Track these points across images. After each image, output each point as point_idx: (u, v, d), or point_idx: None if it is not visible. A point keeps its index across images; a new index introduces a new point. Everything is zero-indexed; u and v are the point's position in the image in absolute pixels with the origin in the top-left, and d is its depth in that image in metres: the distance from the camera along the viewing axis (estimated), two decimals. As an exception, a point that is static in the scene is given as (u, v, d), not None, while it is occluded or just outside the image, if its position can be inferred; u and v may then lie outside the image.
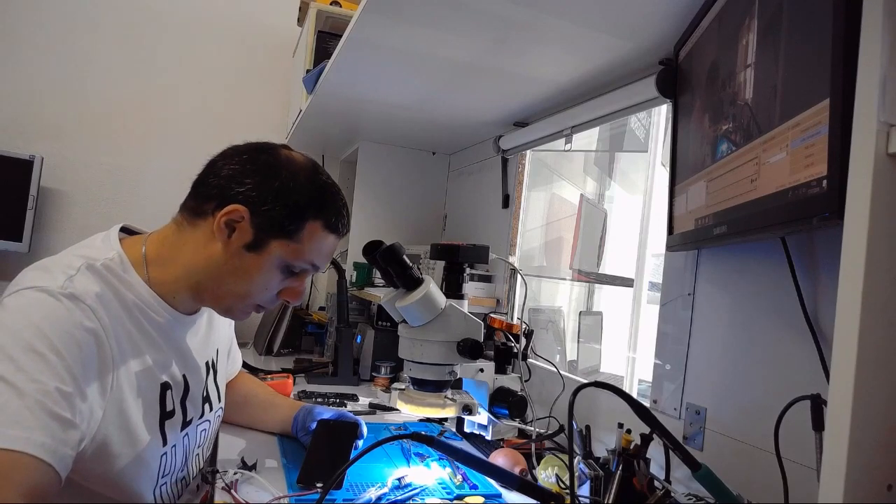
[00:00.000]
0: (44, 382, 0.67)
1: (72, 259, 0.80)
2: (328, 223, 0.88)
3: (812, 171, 0.60)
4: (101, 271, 0.80)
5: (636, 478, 0.86)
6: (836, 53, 0.57)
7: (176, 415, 0.90)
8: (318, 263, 0.91)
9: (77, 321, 0.73)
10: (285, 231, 0.85)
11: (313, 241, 0.88)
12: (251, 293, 0.89)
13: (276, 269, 0.87)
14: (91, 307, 0.75)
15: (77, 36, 2.31)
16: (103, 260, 0.81)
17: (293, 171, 0.87)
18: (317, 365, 1.88)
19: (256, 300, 0.90)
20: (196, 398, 0.96)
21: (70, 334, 0.71)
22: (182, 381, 0.92)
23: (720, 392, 0.99)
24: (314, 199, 0.87)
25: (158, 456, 0.86)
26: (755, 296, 0.94)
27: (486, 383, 1.32)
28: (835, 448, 0.49)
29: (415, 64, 1.32)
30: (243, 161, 0.86)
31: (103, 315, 0.76)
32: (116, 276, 0.82)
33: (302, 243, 0.87)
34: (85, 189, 2.32)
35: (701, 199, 0.91)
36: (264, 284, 0.88)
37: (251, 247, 0.85)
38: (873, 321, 0.48)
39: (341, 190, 0.93)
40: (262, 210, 0.84)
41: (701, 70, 0.95)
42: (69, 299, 0.73)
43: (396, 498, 0.96)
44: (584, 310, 2.16)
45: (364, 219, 2.22)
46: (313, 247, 0.88)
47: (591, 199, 2.26)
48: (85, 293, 0.75)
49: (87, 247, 0.85)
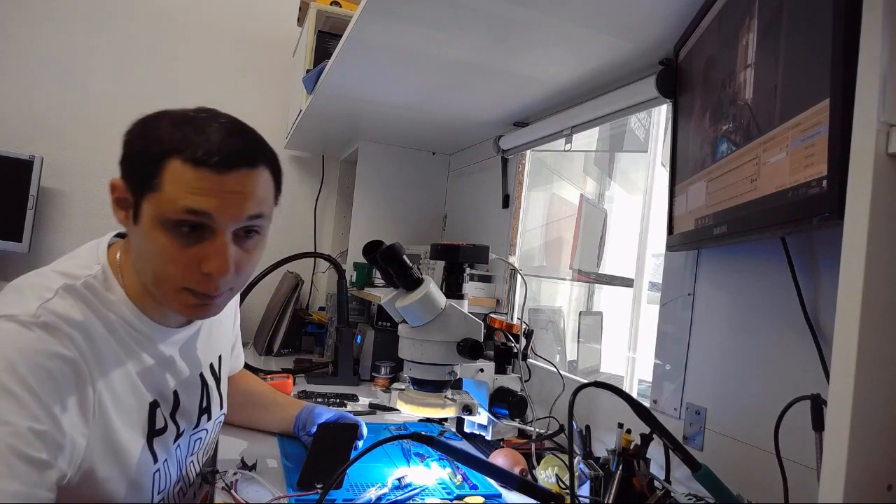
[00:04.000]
0: (14, 423, 0.63)
1: (50, 279, 0.75)
2: (189, 156, 0.73)
3: (812, 171, 0.60)
4: (80, 292, 0.75)
5: (636, 478, 0.86)
6: (836, 53, 0.56)
7: (168, 430, 0.87)
8: (194, 205, 0.73)
9: (51, 351, 0.68)
10: (148, 185, 0.74)
11: (176, 181, 0.73)
12: (164, 273, 0.77)
13: (158, 229, 0.75)
14: (68, 334, 0.70)
15: (77, 36, 2.31)
16: (84, 278, 0.77)
17: (155, 119, 0.77)
18: (317, 365, 1.88)
19: (179, 282, 0.77)
20: (188, 411, 0.92)
21: (43, 366, 0.67)
22: (172, 396, 0.88)
23: (720, 392, 0.99)
24: (170, 136, 0.74)
25: (151, 474, 0.83)
26: (755, 296, 0.94)
27: (486, 383, 1.32)
28: (835, 448, 0.49)
29: (415, 64, 1.32)
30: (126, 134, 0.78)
31: (81, 342, 0.72)
32: (98, 296, 0.77)
33: (164, 189, 0.73)
34: (85, 189, 2.31)
35: (701, 199, 0.91)
36: (162, 256, 0.76)
37: (135, 218, 0.76)
38: (873, 321, 0.48)
39: (225, 118, 0.79)
40: (126, 174, 0.77)
41: (701, 70, 0.95)
42: (42, 328, 0.69)
43: (396, 498, 0.96)
44: (584, 310, 2.16)
45: (364, 219, 2.22)
46: (178, 188, 0.73)
47: (591, 199, 2.26)
48: (61, 319, 0.71)
49: (73, 258, 0.82)
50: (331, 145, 2.43)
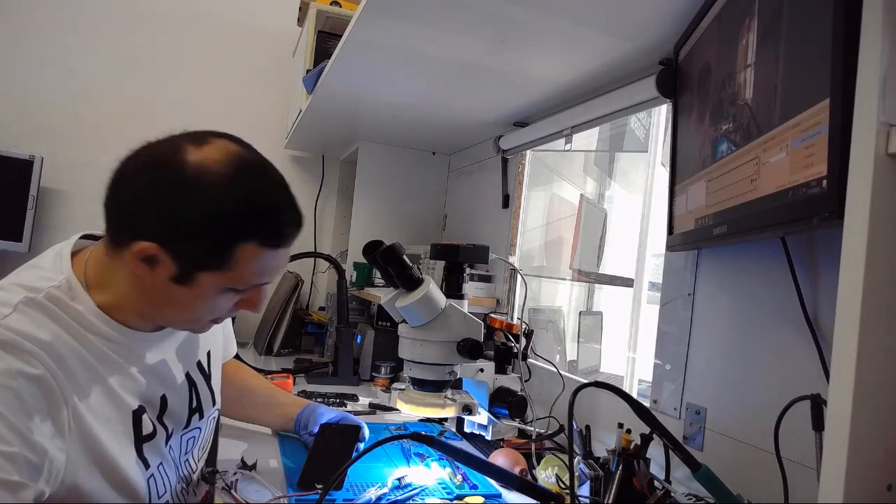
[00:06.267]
0: None
1: (9, 293, 0.72)
2: (265, 240, 0.75)
3: (812, 171, 0.60)
4: (44, 305, 0.71)
5: (636, 478, 0.86)
6: (836, 53, 0.57)
7: (158, 434, 0.84)
8: (267, 280, 0.80)
9: (14, 370, 0.65)
10: (212, 264, 0.74)
11: (251, 264, 0.75)
12: (200, 318, 0.81)
13: (217, 295, 0.77)
14: (30, 351, 0.67)
15: (77, 36, 2.31)
16: (47, 289, 0.73)
17: (205, 191, 0.72)
18: (317, 365, 1.88)
19: (208, 319, 0.82)
20: (176, 412, 0.89)
21: (6, 387, 0.64)
22: (159, 399, 0.85)
23: (720, 392, 0.99)
24: (239, 219, 0.73)
25: (144, 481, 0.81)
26: (755, 296, 0.94)
27: (486, 383, 1.32)
28: (835, 448, 0.49)
29: (415, 64, 1.32)
30: (146, 184, 0.73)
31: (47, 358, 0.68)
32: (64, 307, 0.73)
33: (238, 269, 0.75)
34: (85, 189, 2.31)
35: (701, 198, 0.91)
36: (211, 309, 0.80)
37: (179, 280, 0.74)
38: (873, 321, 0.48)
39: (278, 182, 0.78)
40: (176, 246, 0.72)
41: (701, 70, 0.95)
42: (2, 348, 0.66)
43: (396, 498, 0.96)
44: (584, 310, 2.16)
45: (364, 219, 2.22)
46: (253, 270, 0.76)
47: (591, 199, 2.25)
48: (23, 336, 0.67)
49: (34, 268, 0.78)
50: (331, 145, 2.43)
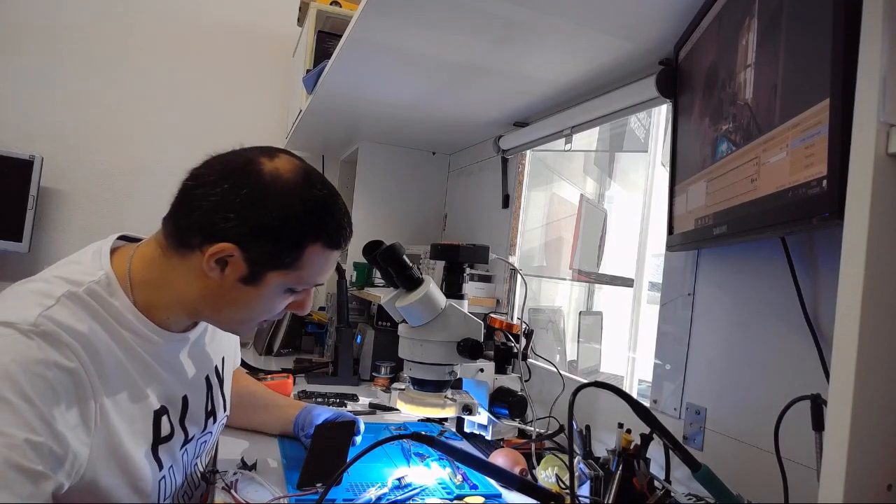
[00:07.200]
0: (11, 435, 0.63)
1: (52, 285, 0.74)
2: (329, 242, 0.83)
3: (812, 171, 0.60)
4: (83, 299, 0.74)
5: (636, 478, 0.86)
6: (836, 53, 0.56)
7: (175, 436, 0.86)
8: (321, 281, 0.87)
9: (51, 361, 0.67)
10: (282, 264, 0.80)
11: (314, 264, 0.83)
12: (255, 318, 0.87)
13: (278, 295, 0.84)
14: (68, 344, 0.69)
15: (77, 36, 2.31)
16: (87, 284, 0.75)
17: (281, 195, 0.78)
18: (317, 365, 1.88)
19: (261, 319, 0.89)
20: (197, 415, 0.92)
21: (42, 376, 0.66)
22: (181, 401, 0.88)
23: (720, 392, 0.99)
24: (310, 222, 0.81)
25: (156, 482, 0.82)
26: (755, 296, 0.94)
27: (486, 383, 1.32)
28: (835, 448, 0.49)
29: (415, 64, 1.32)
30: (224, 191, 0.77)
31: (82, 351, 0.71)
32: (103, 303, 0.76)
33: (303, 269, 0.82)
34: (85, 189, 2.32)
35: (701, 199, 0.91)
36: (267, 309, 0.86)
37: (248, 280, 0.80)
38: (873, 321, 0.48)
39: (336, 193, 0.86)
40: (253, 247, 0.78)
41: (701, 70, 0.95)
42: (42, 337, 0.68)
43: (396, 498, 0.96)
44: (584, 310, 2.16)
45: (364, 219, 2.22)
46: (315, 269, 0.84)
47: (591, 198, 2.25)
48: (63, 328, 0.70)
49: (75, 263, 0.80)
50: (331, 145, 2.43)
